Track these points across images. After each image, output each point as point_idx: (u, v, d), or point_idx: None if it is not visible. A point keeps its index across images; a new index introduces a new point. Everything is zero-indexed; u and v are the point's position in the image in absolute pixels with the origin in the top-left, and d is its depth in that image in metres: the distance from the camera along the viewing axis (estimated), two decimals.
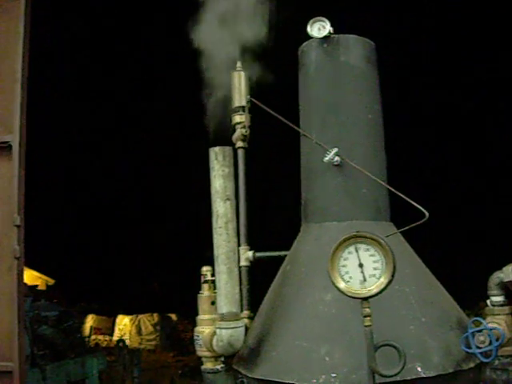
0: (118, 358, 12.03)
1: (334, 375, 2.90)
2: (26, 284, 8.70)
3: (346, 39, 3.65)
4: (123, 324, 18.46)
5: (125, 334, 17.79)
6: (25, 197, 5.09)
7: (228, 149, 3.52)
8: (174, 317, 19.29)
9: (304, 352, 3.08)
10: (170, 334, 18.43)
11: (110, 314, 19.01)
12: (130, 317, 18.52)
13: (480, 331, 2.97)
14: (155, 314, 18.45)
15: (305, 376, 2.95)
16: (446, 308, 3.42)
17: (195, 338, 3.52)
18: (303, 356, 3.06)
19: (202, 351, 3.47)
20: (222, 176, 3.44)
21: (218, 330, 3.33)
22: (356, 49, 3.64)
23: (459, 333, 3.15)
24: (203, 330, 3.47)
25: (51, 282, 18.48)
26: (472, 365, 3.05)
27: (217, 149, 3.47)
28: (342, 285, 2.53)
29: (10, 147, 5.01)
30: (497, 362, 3.07)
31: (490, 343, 2.93)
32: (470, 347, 2.98)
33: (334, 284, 2.53)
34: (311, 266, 3.43)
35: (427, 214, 2.97)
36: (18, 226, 4.94)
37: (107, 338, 18.01)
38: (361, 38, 3.69)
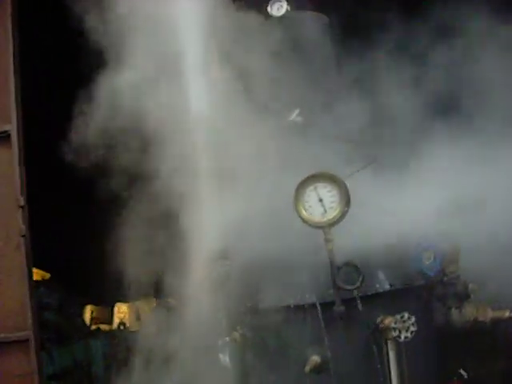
0: (120, 340, 12.40)
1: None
2: None
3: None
4: (121, 312, 18.78)
5: (124, 320, 18.10)
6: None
7: None
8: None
9: None
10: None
11: (107, 304, 19.21)
12: (127, 304, 18.79)
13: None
14: (153, 299, 18.71)
15: None
16: None
17: None
18: None
19: None
20: None
21: None
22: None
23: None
24: None
25: (47, 276, 18.69)
26: (423, 282, 3.60)
27: None
28: (304, 215, 3.08)
29: (8, 136, 5.48)
30: (445, 278, 3.61)
31: (435, 259, 3.48)
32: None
33: (298, 215, 3.07)
34: None
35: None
36: (22, 207, 5.42)
37: (107, 326, 18.27)
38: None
